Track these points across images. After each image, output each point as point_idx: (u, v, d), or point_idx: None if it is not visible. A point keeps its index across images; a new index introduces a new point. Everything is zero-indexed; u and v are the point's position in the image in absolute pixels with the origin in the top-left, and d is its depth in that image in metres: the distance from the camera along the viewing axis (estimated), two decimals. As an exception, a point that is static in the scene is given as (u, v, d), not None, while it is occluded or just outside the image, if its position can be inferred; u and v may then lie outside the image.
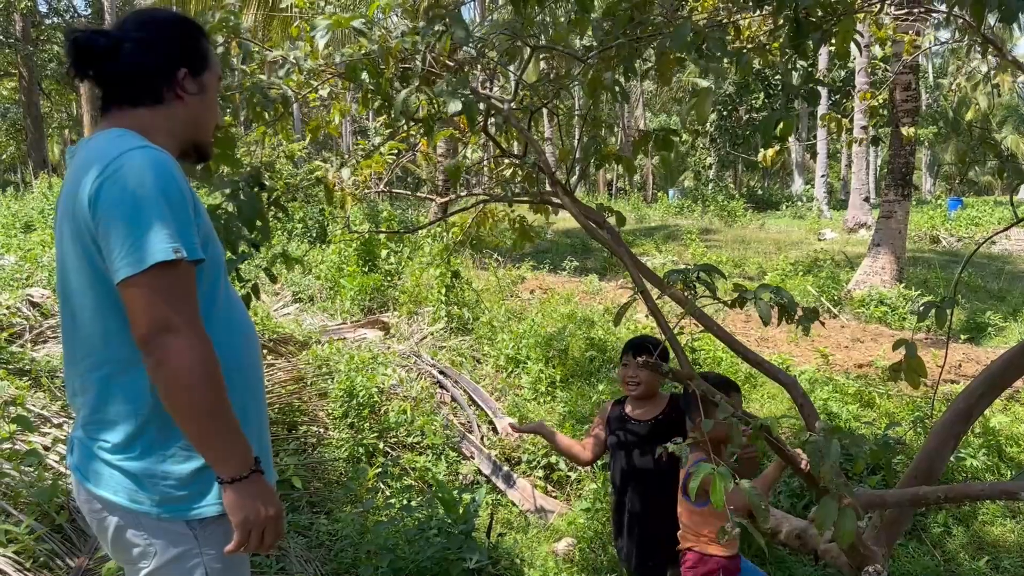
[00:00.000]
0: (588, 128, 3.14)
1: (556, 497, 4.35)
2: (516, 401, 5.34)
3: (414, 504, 3.66)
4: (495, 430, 4.99)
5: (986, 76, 37.27)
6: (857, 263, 10.81)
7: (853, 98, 17.03)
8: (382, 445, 4.53)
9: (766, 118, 2.46)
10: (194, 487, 1.50)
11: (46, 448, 3.48)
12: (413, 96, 2.53)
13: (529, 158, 2.95)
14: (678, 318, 2.56)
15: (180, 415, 1.40)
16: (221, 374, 1.42)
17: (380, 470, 4.20)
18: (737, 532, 1.78)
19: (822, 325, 4.34)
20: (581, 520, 3.84)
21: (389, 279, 8.07)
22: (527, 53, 2.87)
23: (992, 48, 3.56)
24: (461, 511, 3.34)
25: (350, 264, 8.17)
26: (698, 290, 2.24)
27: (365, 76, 2.61)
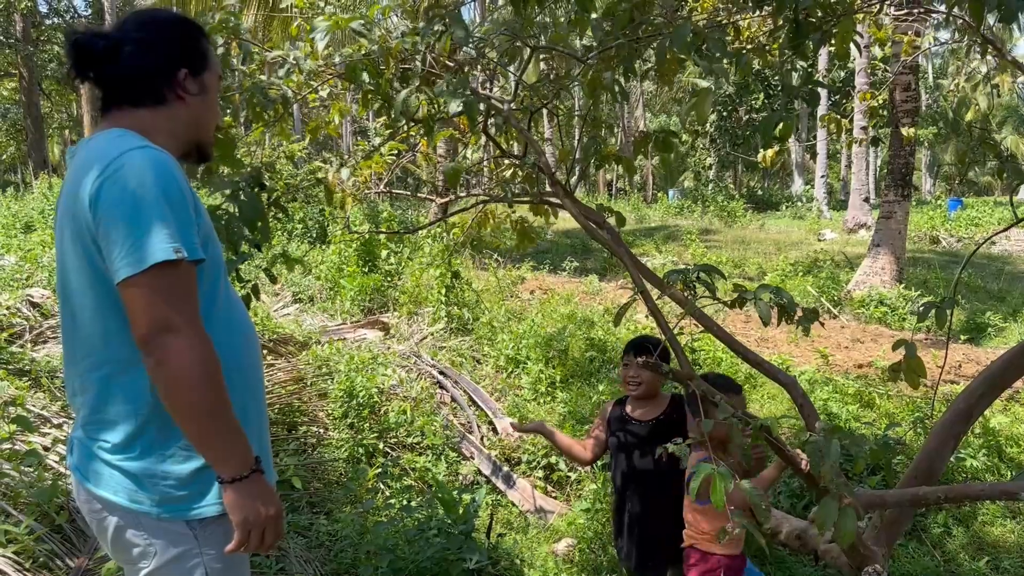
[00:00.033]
0: (588, 128, 3.14)
1: (556, 497, 4.35)
2: (516, 401, 5.34)
3: (414, 504, 3.66)
4: (495, 430, 4.99)
5: (986, 76, 37.28)
6: (857, 263, 10.81)
7: (853, 98, 17.03)
8: (382, 445, 4.53)
9: (766, 119, 2.47)
10: (194, 487, 1.50)
11: (46, 448, 3.48)
12: (413, 96, 2.53)
13: (529, 158, 2.95)
14: (678, 318, 2.56)
15: (180, 415, 1.40)
16: (221, 374, 1.42)
17: (380, 470, 4.20)
18: (738, 532, 1.78)
19: (822, 325, 4.34)
20: (581, 520, 3.84)
21: (389, 279, 8.07)
22: (527, 53, 2.87)
23: (992, 48, 3.57)
24: (461, 511, 3.34)
25: (350, 264, 8.17)
26: (698, 290, 2.24)
27: (365, 77, 2.61)
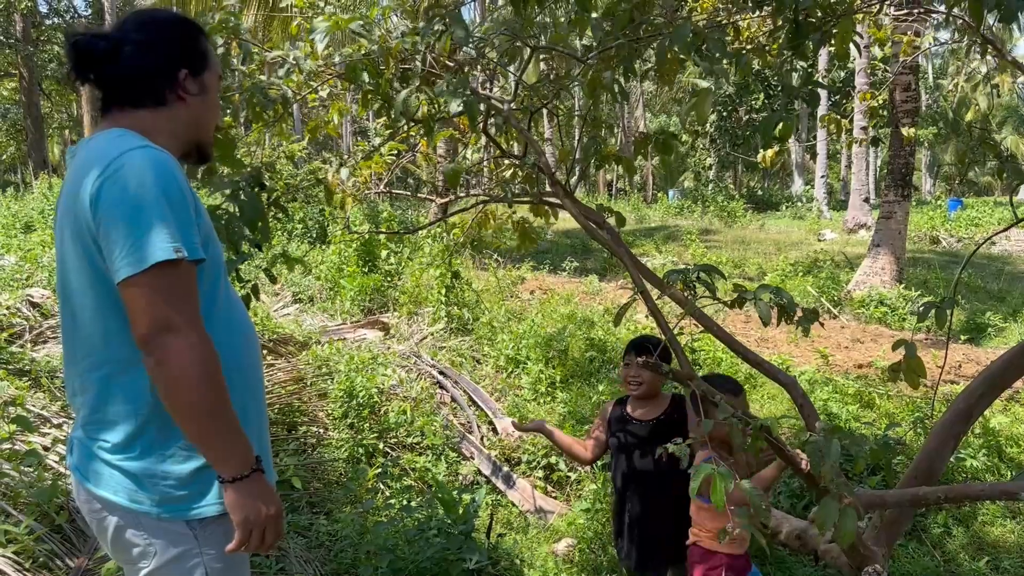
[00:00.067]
0: (588, 128, 3.14)
1: (556, 497, 4.35)
2: (516, 401, 5.34)
3: (414, 504, 3.66)
4: (495, 430, 4.99)
5: (986, 77, 37.29)
6: (857, 264, 10.81)
7: (853, 99, 17.03)
8: (382, 445, 4.53)
9: (766, 119, 2.47)
10: (194, 487, 1.50)
11: (46, 448, 3.48)
12: (413, 96, 2.53)
13: (529, 158, 2.95)
14: (678, 318, 2.56)
15: (181, 415, 1.40)
16: (222, 374, 1.42)
17: (380, 470, 4.20)
18: (738, 532, 1.78)
19: (822, 326, 4.34)
20: (581, 520, 3.84)
21: (389, 280, 8.07)
22: (527, 53, 2.87)
23: (992, 48, 3.57)
24: (461, 511, 3.34)
25: (350, 264, 8.17)
26: (698, 290, 2.24)
27: (365, 77, 2.61)
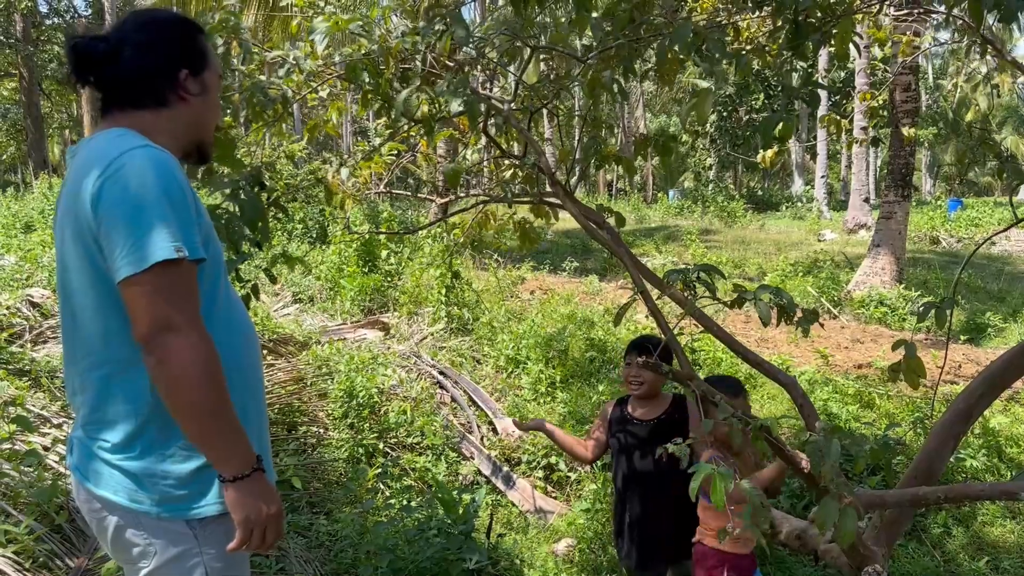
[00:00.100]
0: (588, 129, 3.14)
1: (556, 497, 4.35)
2: (516, 402, 5.34)
3: (414, 504, 3.66)
4: (495, 430, 4.99)
5: (986, 77, 37.28)
6: (857, 264, 10.81)
7: (853, 99, 17.03)
8: (382, 446, 4.53)
9: (766, 119, 2.46)
10: (194, 486, 1.50)
11: (46, 448, 3.48)
12: (413, 96, 2.53)
13: (529, 159, 2.95)
14: (678, 318, 2.56)
15: (181, 414, 1.40)
16: (222, 373, 1.42)
17: (380, 470, 4.20)
18: (739, 532, 1.78)
19: (821, 326, 4.33)
20: (581, 520, 3.84)
21: (389, 280, 8.06)
22: (527, 53, 2.87)
23: (992, 49, 3.57)
24: (461, 511, 3.34)
25: (350, 265, 8.17)
26: (698, 290, 2.24)
27: (365, 77, 2.61)
